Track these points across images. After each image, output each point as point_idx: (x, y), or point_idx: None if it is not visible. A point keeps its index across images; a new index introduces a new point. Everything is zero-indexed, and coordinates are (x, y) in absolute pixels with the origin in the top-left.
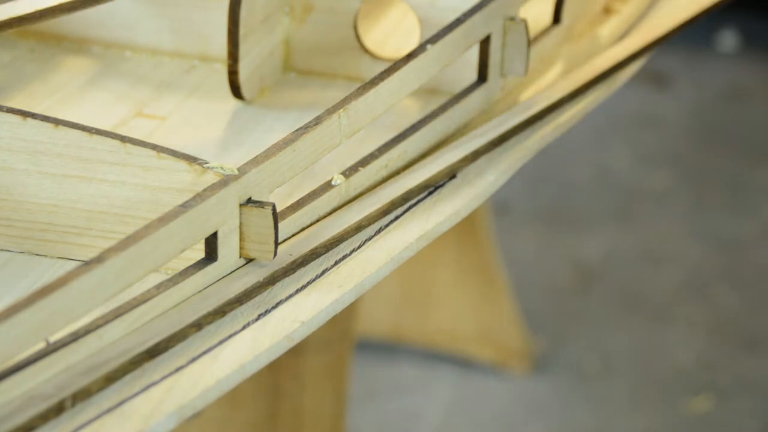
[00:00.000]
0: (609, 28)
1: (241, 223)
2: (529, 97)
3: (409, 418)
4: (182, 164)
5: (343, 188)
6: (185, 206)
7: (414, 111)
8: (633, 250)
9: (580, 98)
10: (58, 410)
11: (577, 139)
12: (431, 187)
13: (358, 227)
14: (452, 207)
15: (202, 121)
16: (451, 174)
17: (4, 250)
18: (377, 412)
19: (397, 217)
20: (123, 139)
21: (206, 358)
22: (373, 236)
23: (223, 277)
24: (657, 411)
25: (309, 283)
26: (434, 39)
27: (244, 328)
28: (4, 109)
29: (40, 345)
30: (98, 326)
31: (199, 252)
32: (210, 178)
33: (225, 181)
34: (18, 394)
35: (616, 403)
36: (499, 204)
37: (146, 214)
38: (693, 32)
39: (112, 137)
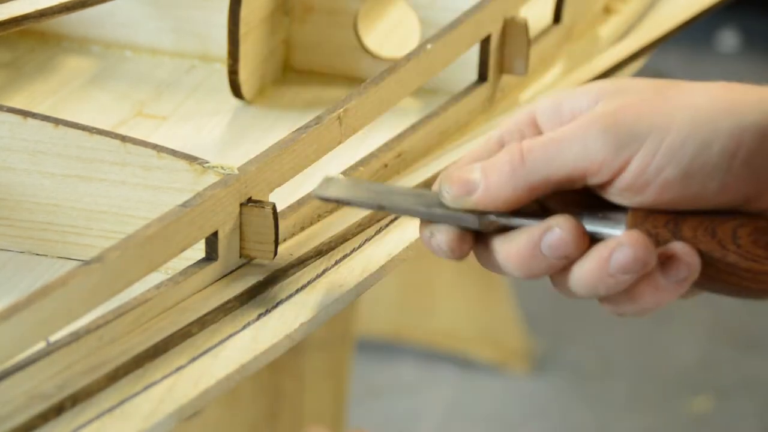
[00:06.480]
0: (609, 28)
1: (241, 223)
2: (529, 97)
3: (409, 418)
4: (182, 164)
5: None
6: (185, 206)
7: (414, 111)
8: None
9: None
10: (58, 410)
11: None
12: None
13: (359, 227)
14: None
15: (202, 121)
16: None
17: (4, 250)
18: (377, 412)
19: (397, 217)
20: (123, 138)
21: (206, 358)
22: (373, 236)
23: (223, 277)
24: (657, 411)
25: (309, 283)
26: (434, 39)
27: (244, 328)
28: (4, 109)
29: (40, 345)
30: (98, 326)
31: (199, 252)
32: (210, 178)
33: (225, 181)
34: (18, 394)
35: (615, 403)
36: None
37: (146, 214)
38: (693, 32)
39: (112, 137)
